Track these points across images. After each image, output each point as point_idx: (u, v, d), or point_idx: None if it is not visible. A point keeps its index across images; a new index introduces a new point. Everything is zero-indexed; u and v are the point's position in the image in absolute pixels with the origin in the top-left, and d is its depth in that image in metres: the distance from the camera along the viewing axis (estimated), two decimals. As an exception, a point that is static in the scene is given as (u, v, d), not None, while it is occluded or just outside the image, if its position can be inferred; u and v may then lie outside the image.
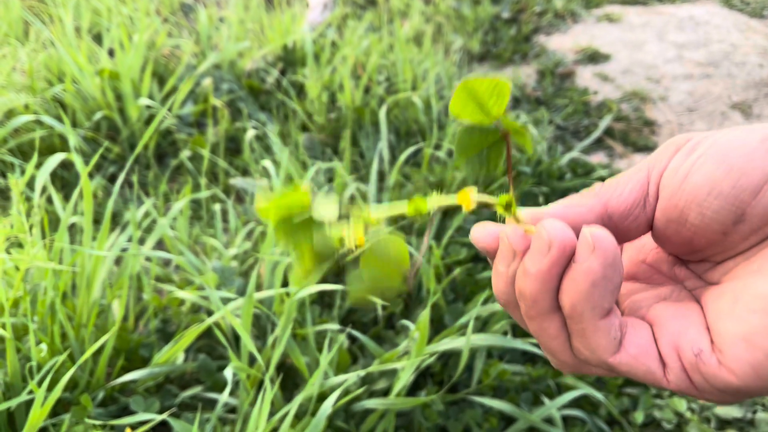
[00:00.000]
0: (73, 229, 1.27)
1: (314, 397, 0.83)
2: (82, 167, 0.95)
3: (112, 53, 1.98)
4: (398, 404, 0.85)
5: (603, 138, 2.04)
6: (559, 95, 2.27)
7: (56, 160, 1.09)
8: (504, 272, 0.29)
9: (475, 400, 0.92)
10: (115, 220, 1.38)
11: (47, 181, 1.11)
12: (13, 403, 0.74)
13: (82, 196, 1.05)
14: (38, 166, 1.37)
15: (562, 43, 2.70)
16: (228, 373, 0.82)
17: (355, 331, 0.96)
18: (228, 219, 1.37)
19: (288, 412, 0.79)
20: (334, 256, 0.28)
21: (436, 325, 1.05)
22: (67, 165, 1.50)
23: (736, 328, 0.26)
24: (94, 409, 0.83)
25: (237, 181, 1.50)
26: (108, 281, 1.03)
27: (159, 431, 0.88)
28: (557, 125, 2.08)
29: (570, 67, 2.48)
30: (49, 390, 0.78)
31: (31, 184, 1.33)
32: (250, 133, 1.61)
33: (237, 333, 0.99)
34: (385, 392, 0.92)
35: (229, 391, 0.82)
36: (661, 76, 2.42)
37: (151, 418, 0.79)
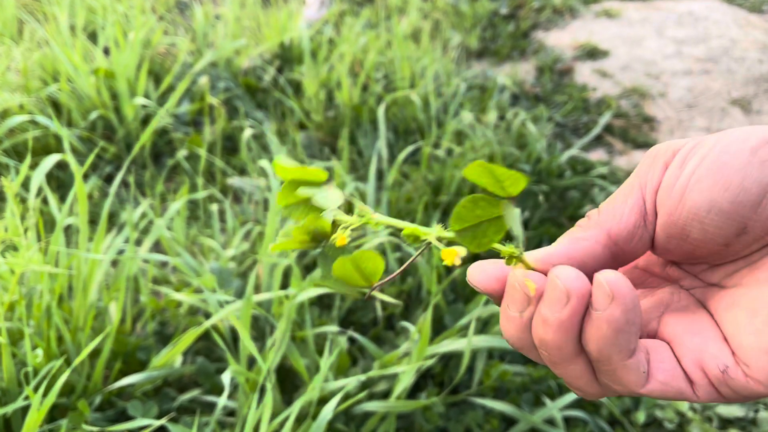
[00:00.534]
0: (70, 230, 1.26)
1: (314, 401, 0.82)
2: (76, 168, 0.93)
3: (107, 52, 1.97)
4: (399, 407, 0.84)
5: (602, 135, 2.03)
6: (558, 92, 2.26)
7: (51, 161, 1.08)
8: (517, 317, 0.29)
9: (476, 402, 0.91)
10: (112, 221, 1.37)
11: (43, 182, 1.10)
12: (9, 409, 0.73)
13: (77, 197, 1.04)
14: (33, 166, 1.35)
15: (561, 39, 2.69)
16: (226, 378, 0.81)
17: (355, 333, 0.95)
18: (225, 219, 1.36)
19: (288, 416, 0.78)
20: (323, 237, 0.29)
21: (437, 326, 1.05)
22: (62, 165, 1.49)
23: (759, 342, 0.27)
24: (91, 414, 0.82)
25: (234, 181, 1.49)
26: (105, 283, 1.02)
27: (157, 435, 0.87)
28: (556, 122, 2.07)
29: (569, 64, 2.47)
30: (45, 395, 0.77)
31: (26, 185, 1.32)
32: (248, 132, 1.60)
33: (235, 335, 0.98)
34: (386, 394, 0.91)
35: (227, 394, 0.81)
36: (660, 72, 2.41)
37: (149, 424, 0.78)
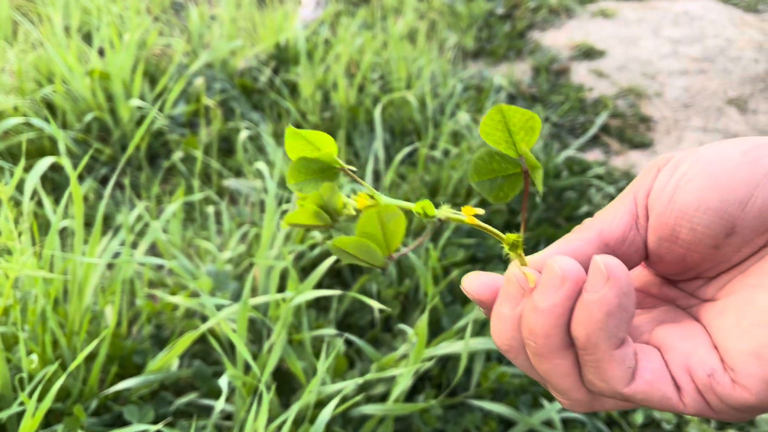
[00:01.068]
0: (65, 232, 1.25)
1: (312, 404, 0.82)
2: (71, 171, 0.93)
3: (102, 53, 1.96)
4: (396, 410, 0.84)
5: (599, 135, 2.03)
6: (555, 92, 2.25)
7: (46, 164, 1.07)
8: (509, 315, 0.29)
9: (474, 404, 0.91)
10: (107, 223, 1.36)
11: (37, 185, 1.09)
12: (4, 415, 0.73)
13: (72, 200, 1.04)
14: (27, 169, 1.34)
15: (557, 39, 2.69)
16: (223, 382, 0.81)
17: (352, 336, 0.95)
18: (222, 221, 1.36)
19: (286, 420, 0.78)
20: (333, 215, 0.29)
21: (434, 328, 1.04)
22: (57, 167, 1.48)
23: (745, 344, 0.26)
24: (87, 419, 0.81)
25: (230, 183, 1.49)
26: (100, 287, 1.01)
27: (154, 440, 0.87)
28: (553, 123, 2.07)
29: (565, 64, 2.47)
30: (40, 400, 0.76)
31: (20, 187, 1.31)
32: (244, 133, 1.59)
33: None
34: (383, 397, 0.91)
35: (224, 397, 0.81)
36: (656, 72, 2.41)
37: (146, 429, 0.77)
